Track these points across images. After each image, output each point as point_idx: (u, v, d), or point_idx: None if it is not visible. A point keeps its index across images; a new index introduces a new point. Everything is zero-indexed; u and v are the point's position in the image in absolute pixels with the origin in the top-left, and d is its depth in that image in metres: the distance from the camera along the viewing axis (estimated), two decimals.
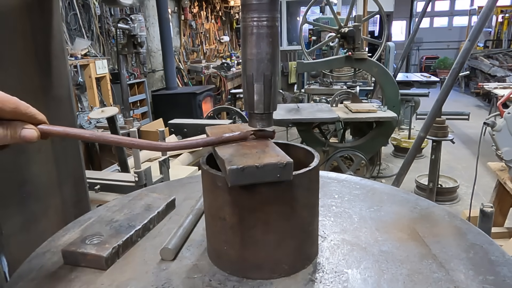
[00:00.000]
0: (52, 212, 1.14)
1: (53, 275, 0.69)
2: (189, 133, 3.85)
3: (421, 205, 0.93)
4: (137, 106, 5.85)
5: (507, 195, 2.56)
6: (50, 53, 1.10)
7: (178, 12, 7.95)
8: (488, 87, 6.14)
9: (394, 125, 4.11)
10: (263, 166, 0.57)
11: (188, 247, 0.76)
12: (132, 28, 4.58)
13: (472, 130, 6.50)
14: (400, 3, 11.48)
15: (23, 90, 1.01)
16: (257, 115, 0.67)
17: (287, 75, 10.34)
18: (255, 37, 0.64)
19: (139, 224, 0.81)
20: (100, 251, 0.70)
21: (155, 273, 0.68)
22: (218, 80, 8.02)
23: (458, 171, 4.87)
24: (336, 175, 1.13)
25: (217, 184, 0.63)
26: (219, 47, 10.21)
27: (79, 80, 4.46)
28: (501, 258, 0.70)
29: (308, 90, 5.68)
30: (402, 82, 5.72)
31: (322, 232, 0.80)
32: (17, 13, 0.99)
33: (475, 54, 11.28)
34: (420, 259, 0.70)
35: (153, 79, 7.00)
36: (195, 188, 1.08)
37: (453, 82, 2.40)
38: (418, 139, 2.62)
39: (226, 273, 0.67)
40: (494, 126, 2.27)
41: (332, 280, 0.65)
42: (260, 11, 0.62)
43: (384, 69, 4.23)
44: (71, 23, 4.78)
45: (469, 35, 2.30)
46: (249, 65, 0.65)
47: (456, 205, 4.00)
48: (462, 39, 15.00)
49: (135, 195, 0.98)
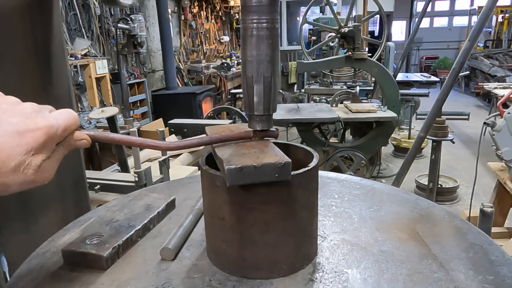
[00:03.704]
0: (52, 212, 1.14)
1: (53, 275, 0.69)
2: (189, 133, 3.84)
3: (421, 205, 0.93)
4: (137, 106, 5.85)
5: (507, 195, 2.56)
6: (50, 53, 1.10)
7: (178, 12, 7.95)
8: (488, 87, 6.13)
9: (394, 125, 4.11)
10: (261, 166, 0.57)
11: (188, 247, 0.76)
12: (132, 28, 4.58)
13: (472, 130, 6.50)
14: (400, 3, 11.47)
15: (23, 90, 1.01)
16: (257, 116, 0.67)
17: (287, 75, 10.33)
18: (255, 39, 0.64)
19: (139, 224, 0.81)
20: (100, 251, 0.70)
21: (155, 273, 0.68)
22: (218, 80, 8.02)
23: (458, 171, 4.87)
24: (336, 175, 1.13)
25: (216, 184, 0.63)
26: (219, 47, 10.21)
27: (79, 80, 4.47)
28: (501, 258, 0.70)
29: (308, 90, 5.68)
30: (402, 82, 5.71)
31: (322, 232, 0.80)
32: (17, 13, 0.99)
33: (475, 54, 11.27)
34: (420, 259, 0.70)
35: (153, 79, 7.00)
36: (195, 188, 1.08)
37: (453, 82, 2.40)
38: (418, 139, 2.62)
39: (225, 273, 0.67)
40: (494, 126, 2.27)
41: (332, 280, 0.65)
42: (260, 13, 0.62)
43: (384, 69, 4.23)
44: (71, 23, 4.78)
45: (469, 35, 2.30)
46: (249, 67, 0.65)
47: (456, 205, 4.00)
48: (462, 39, 15.00)
49: (135, 195, 0.98)
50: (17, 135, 0.49)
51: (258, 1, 0.62)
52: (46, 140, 0.51)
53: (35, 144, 0.50)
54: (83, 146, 0.60)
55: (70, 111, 0.57)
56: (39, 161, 0.51)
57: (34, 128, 0.50)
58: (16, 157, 0.49)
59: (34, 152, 0.50)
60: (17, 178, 0.49)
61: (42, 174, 0.52)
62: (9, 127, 0.49)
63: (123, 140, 0.65)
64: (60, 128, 0.54)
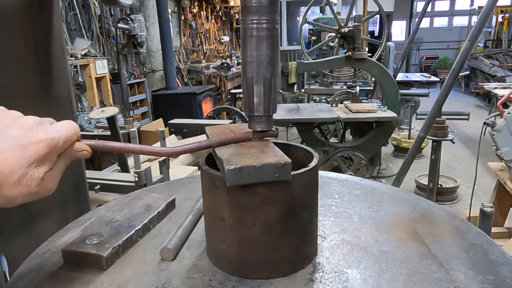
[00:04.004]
0: (52, 212, 1.14)
1: (53, 275, 0.69)
2: (189, 133, 3.85)
3: (421, 205, 0.93)
4: (137, 106, 5.85)
5: (507, 195, 2.56)
6: (50, 53, 1.10)
7: (178, 12, 7.95)
8: (488, 87, 6.13)
9: (394, 125, 4.11)
10: (261, 166, 0.57)
11: (188, 247, 0.76)
12: (132, 28, 4.58)
13: (472, 130, 6.50)
14: (400, 3, 11.47)
15: (23, 90, 1.01)
16: (257, 117, 0.67)
17: (287, 75, 10.33)
18: (255, 40, 0.64)
19: (139, 224, 0.81)
20: (100, 251, 0.70)
21: (155, 273, 0.68)
22: (218, 80, 8.02)
23: (458, 171, 4.87)
24: (336, 175, 1.13)
25: (216, 184, 0.63)
26: (219, 47, 10.21)
27: (79, 80, 4.46)
28: (501, 258, 0.70)
29: (308, 90, 5.68)
30: (402, 82, 5.71)
31: (322, 232, 0.80)
32: (17, 13, 0.99)
33: (475, 54, 11.27)
34: (420, 259, 0.70)
35: (153, 79, 7.00)
36: (195, 188, 1.08)
37: (453, 82, 2.40)
38: (418, 139, 2.62)
39: (225, 273, 0.67)
40: (494, 126, 2.27)
41: (332, 280, 0.65)
42: (260, 13, 0.62)
43: (384, 69, 4.23)
44: (71, 23, 4.78)
45: (469, 35, 2.30)
46: (249, 67, 0.65)
47: (456, 205, 4.00)
48: (462, 39, 14.99)
49: (135, 195, 0.98)
50: (19, 148, 0.50)
51: (258, 2, 0.62)
52: (47, 153, 0.53)
53: (37, 157, 0.51)
54: (84, 157, 0.62)
55: (70, 122, 0.59)
56: (41, 173, 0.52)
57: (35, 141, 0.52)
58: (19, 170, 0.50)
59: (37, 164, 0.52)
60: (21, 190, 0.51)
61: (45, 185, 0.53)
62: (12, 141, 0.50)
63: (122, 148, 0.66)
64: (61, 140, 0.55)
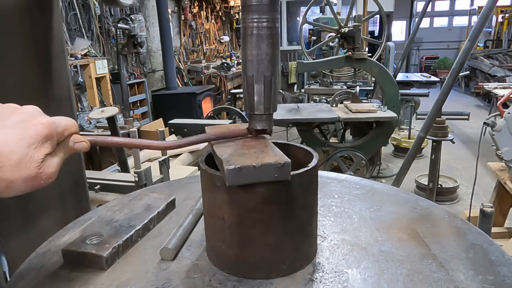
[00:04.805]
0: (52, 212, 1.14)
1: (53, 275, 0.69)
2: (189, 133, 3.85)
3: (421, 205, 0.93)
4: (137, 106, 5.85)
5: (507, 195, 2.56)
6: (50, 53, 1.10)
7: (178, 12, 7.95)
8: (488, 87, 6.13)
9: (394, 125, 4.10)
10: (260, 166, 0.57)
11: (188, 247, 0.76)
12: (132, 28, 4.58)
13: (472, 130, 6.49)
14: (400, 3, 11.47)
15: (23, 90, 1.01)
16: (257, 116, 0.67)
17: (287, 75, 10.34)
18: (255, 38, 0.64)
19: (139, 224, 0.81)
20: (100, 251, 0.70)
21: (155, 273, 0.68)
22: (218, 80, 8.02)
23: (458, 171, 4.87)
24: (336, 175, 1.13)
25: (216, 184, 0.63)
26: (219, 47, 10.21)
27: (79, 80, 4.46)
28: (501, 258, 0.70)
29: (308, 90, 5.68)
30: (402, 82, 5.71)
31: (322, 232, 0.80)
32: (17, 13, 0.99)
33: (475, 54, 11.27)
34: (420, 259, 0.70)
35: (153, 79, 7.00)
36: (195, 188, 1.08)
37: (453, 82, 2.40)
38: (418, 139, 2.62)
39: (225, 273, 0.67)
40: (494, 126, 2.26)
41: (332, 280, 0.65)
42: (260, 12, 0.63)
43: (384, 69, 4.23)
44: (71, 23, 4.78)
45: (469, 35, 2.30)
46: (249, 66, 0.65)
47: (456, 205, 4.00)
48: (462, 39, 14.99)
49: (135, 195, 0.98)
50: (20, 129, 0.51)
51: (258, 1, 0.62)
52: (48, 134, 0.53)
53: (38, 137, 0.52)
54: (83, 149, 0.62)
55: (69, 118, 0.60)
56: (42, 155, 0.53)
57: (36, 123, 0.53)
58: (19, 150, 0.50)
59: (37, 145, 0.52)
60: (21, 172, 0.51)
61: (45, 170, 0.53)
62: (13, 124, 0.51)
63: (121, 142, 0.66)
64: (60, 126, 0.56)
